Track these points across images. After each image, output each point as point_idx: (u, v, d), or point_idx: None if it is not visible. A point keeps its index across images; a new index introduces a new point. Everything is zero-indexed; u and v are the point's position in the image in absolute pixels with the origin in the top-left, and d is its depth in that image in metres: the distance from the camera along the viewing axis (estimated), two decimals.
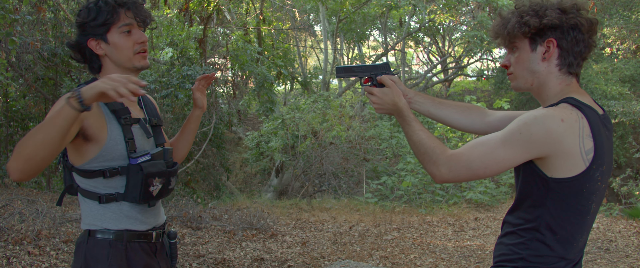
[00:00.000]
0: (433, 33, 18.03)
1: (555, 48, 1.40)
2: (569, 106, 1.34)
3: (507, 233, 1.47)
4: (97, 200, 1.59)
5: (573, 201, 1.35)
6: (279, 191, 11.09)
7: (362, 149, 10.41)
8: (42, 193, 6.59)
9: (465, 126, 1.73)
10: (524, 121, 1.32)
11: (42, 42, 6.23)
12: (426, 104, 1.73)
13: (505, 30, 1.45)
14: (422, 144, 1.45)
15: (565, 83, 1.42)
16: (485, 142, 1.36)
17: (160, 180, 1.62)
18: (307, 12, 17.53)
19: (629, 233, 5.83)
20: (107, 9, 1.57)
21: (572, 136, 1.29)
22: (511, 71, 1.49)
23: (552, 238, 1.37)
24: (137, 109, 1.71)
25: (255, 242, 5.23)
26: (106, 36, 1.60)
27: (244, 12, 12.50)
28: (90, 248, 1.59)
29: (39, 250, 3.99)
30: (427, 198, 8.10)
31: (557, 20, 1.37)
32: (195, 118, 1.93)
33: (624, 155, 12.83)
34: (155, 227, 1.70)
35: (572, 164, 1.31)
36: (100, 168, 1.56)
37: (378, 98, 1.61)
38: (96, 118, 1.54)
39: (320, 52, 19.16)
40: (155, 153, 1.63)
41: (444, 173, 1.38)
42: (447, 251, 5.22)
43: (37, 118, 7.40)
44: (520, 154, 1.32)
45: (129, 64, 1.63)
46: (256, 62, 9.91)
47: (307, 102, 11.28)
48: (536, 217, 1.38)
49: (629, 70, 13.23)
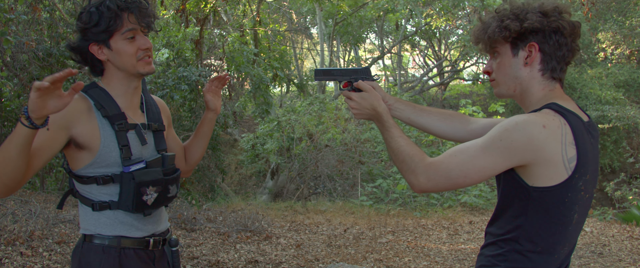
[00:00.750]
0: (429, 37, 18.10)
1: (538, 52, 1.35)
2: (551, 112, 1.29)
3: (488, 243, 1.42)
4: (91, 206, 1.56)
5: (555, 211, 1.29)
6: (274, 193, 11.08)
7: (358, 152, 10.42)
8: (36, 194, 6.56)
9: (447, 133, 1.68)
10: (505, 128, 1.26)
11: (37, 42, 6.21)
12: (407, 111, 1.67)
13: (486, 35, 1.40)
14: (400, 151, 1.40)
15: (549, 89, 1.38)
16: (465, 150, 1.31)
17: (155, 189, 1.57)
18: (304, 15, 17.56)
19: (622, 238, 5.86)
20: (110, 14, 1.51)
21: (554, 143, 1.24)
22: (493, 77, 1.44)
23: (532, 250, 1.32)
24: (138, 114, 1.65)
25: (249, 244, 5.22)
26: (109, 41, 1.54)
27: (240, 14, 12.50)
28: (85, 253, 1.56)
29: (32, 251, 3.96)
30: (422, 201, 8.11)
31: (538, 23, 1.33)
32: (209, 120, 1.86)
33: (618, 160, 12.89)
34: (154, 234, 1.65)
35: (554, 173, 1.26)
36: (94, 175, 1.53)
37: (356, 103, 1.56)
38: (87, 125, 1.50)
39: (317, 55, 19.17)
40: (153, 160, 1.59)
41: (422, 182, 1.32)
42: (441, 254, 5.23)
43: None
44: (500, 162, 1.27)
45: (133, 70, 1.57)
46: (252, 64, 9.91)
47: (302, 104, 11.29)
48: (516, 227, 1.33)
49: (623, 75, 13.31)
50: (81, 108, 1.51)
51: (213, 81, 1.84)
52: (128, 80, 1.61)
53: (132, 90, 1.63)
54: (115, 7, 1.51)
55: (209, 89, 1.84)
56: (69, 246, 4.25)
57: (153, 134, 1.67)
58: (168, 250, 1.71)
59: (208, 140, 1.91)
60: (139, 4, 1.55)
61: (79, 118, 1.49)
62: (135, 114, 1.64)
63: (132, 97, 1.64)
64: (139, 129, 1.61)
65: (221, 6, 9.49)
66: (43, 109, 1.26)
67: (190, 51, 8.63)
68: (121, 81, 1.60)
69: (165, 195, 1.62)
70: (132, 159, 1.55)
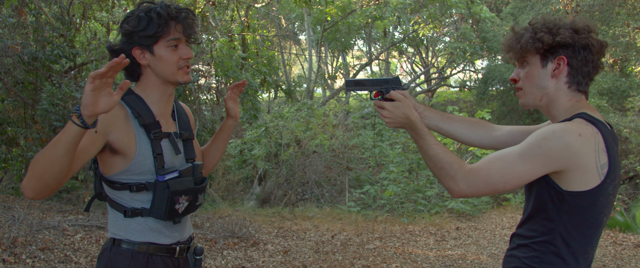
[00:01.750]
0: (417, 44, 18.22)
1: (566, 66, 1.42)
2: (584, 121, 1.36)
3: (519, 245, 1.47)
4: (123, 213, 1.58)
5: (587, 215, 1.37)
6: (262, 199, 11.04)
7: (345, 158, 10.44)
8: (19, 200, 6.46)
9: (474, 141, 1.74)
10: (543, 136, 1.33)
11: (22, 45, 6.13)
12: (435, 119, 1.73)
13: (519, 45, 1.47)
14: (438, 159, 1.44)
15: (576, 99, 1.45)
16: (504, 157, 1.37)
17: (187, 198, 1.60)
18: (292, 21, 17.59)
19: (605, 243, 5.93)
20: (159, 21, 1.54)
21: (589, 150, 1.32)
22: (520, 85, 1.51)
23: (566, 251, 1.38)
24: (170, 123, 1.69)
25: (236, 251, 5.19)
26: (153, 47, 1.57)
27: (228, 19, 12.48)
28: (113, 256, 1.58)
29: (15, 258, 3.90)
30: (409, 207, 8.14)
31: (569, 39, 1.40)
32: (228, 127, 1.90)
33: None
34: (179, 242, 1.68)
35: (588, 178, 1.33)
36: (128, 182, 1.56)
37: (389, 112, 1.59)
38: (124, 132, 1.53)
39: (305, 61, 19.20)
40: (184, 169, 1.62)
41: (462, 188, 1.38)
42: (428, 260, 5.24)
43: (15, 123, 7.27)
44: (539, 168, 1.34)
45: (172, 78, 1.61)
46: (240, 70, 9.88)
47: (290, 110, 11.29)
48: (550, 230, 1.40)
49: (606, 83, 13.52)
50: (119, 114, 1.53)
51: (233, 89, 1.88)
52: (164, 87, 1.64)
53: (167, 98, 1.67)
54: (166, 15, 1.55)
55: (230, 97, 1.88)
56: (53, 252, 4.19)
57: (183, 143, 1.70)
58: (191, 258, 1.74)
59: (225, 146, 1.94)
60: (187, 14, 1.59)
61: (117, 124, 1.51)
62: (167, 122, 1.67)
63: (166, 105, 1.68)
64: (173, 139, 1.64)
65: (209, 11, 9.46)
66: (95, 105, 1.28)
67: None
68: (157, 88, 1.63)
69: (194, 204, 1.66)
70: (165, 168, 1.58)
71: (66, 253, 4.23)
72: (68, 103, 6.07)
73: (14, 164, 7.22)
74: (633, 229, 7.08)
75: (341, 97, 17.40)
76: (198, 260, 1.74)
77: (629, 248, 5.72)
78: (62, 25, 6.86)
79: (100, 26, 8.74)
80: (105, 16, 8.30)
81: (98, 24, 8.68)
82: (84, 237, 4.72)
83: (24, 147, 7.01)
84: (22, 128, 7.09)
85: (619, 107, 13.45)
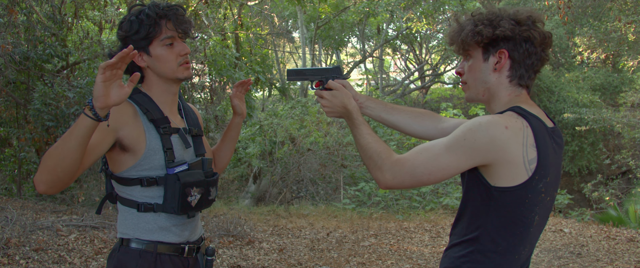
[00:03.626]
0: (410, 41, 18.25)
1: (507, 59, 1.38)
2: (514, 114, 1.32)
3: (453, 244, 1.44)
4: (136, 208, 1.58)
5: (515, 212, 1.32)
6: (257, 197, 11.03)
7: (340, 156, 10.44)
8: (12, 200, 6.42)
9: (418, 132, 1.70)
10: (469, 128, 1.29)
11: (13, 45, 6.08)
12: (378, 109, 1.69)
13: (460, 38, 1.43)
14: (368, 148, 1.41)
15: (515, 94, 1.40)
16: (430, 148, 1.33)
17: (198, 190, 1.60)
18: (286, 18, 17.56)
19: (599, 238, 5.97)
20: (149, 22, 1.57)
21: (516, 144, 1.27)
22: (465, 79, 1.47)
23: (493, 250, 1.34)
24: (178, 119, 1.70)
25: (232, 249, 5.19)
26: (148, 48, 1.60)
27: (221, 18, 12.44)
28: (121, 256, 1.59)
29: (8, 259, 3.88)
30: (404, 204, 8.16)
31: (510, 31, 1.35)
32: (236, 125, 1.91)
33: (595, 162, 13.16)
34: (188, 241, 1.67)
35: (515, 173, 1.28)
36: (138, 177, 1.56)
37: (328, 101, 1.59)
38: (133, 128, 1.54)
39: (299, 59, 19.18)
40: (194, 162, 1.63)
41: (388, 178, 1.34)
42: (424, 257, 5.26)
43: (7, 123, 7.22)
44: (464, 161, 1.29)
45: (173, 75, 1.63)
46: (234, 68, 9.86)
47: (285, 108, 11.28)
48: (478, 227, 1.36)
49: (599, 79, 13.61)
50: (128, 111, 1.56)
51: (238, 87, 1.89)
52: (167, 86, 1.66)
53: (172, 96, 1.69)
54: (154, 15, 1.58)
55: (236, 95, 1.89)
56: (47, 253, 4.17)
57: (192, 139, 1.72)
58: (202, 258, 1.73)
59: (235, 144, 1.95)
60: (175, 11, 1.61)
61: (127, 120, 1.53)
62: (175, 119, 1.69)
63: (172, 103, 1.70)
64: (182, 133, 1.65)
65: (202, 10, 9.42)
66: (107, 97, 1.30)
67: None
68: (161, 87, 1.65)
69: (207, 197, 1.66)
70: (175, 162, 1.59)
71: (60, 254, 4.21)
72: (61, 103, 6.03)
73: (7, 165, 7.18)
74: (626, 223, 7.14)
75: None
76: (209, 261, 1.73)
77: (622, 243, 5.76)
78: (54, 25, 6.81)
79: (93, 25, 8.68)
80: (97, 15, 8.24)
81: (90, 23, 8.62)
82: (78, 237, 4.70)
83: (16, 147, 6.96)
84: (14, 128, 7.04)
85: (612, 102, 13.55)
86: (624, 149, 12.17)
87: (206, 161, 1.68)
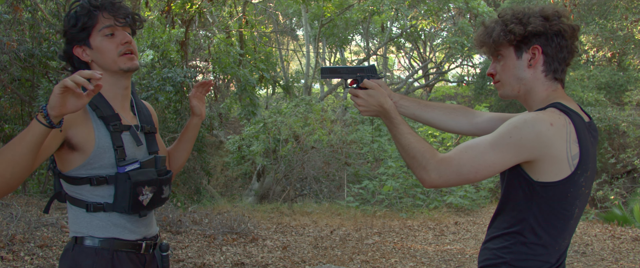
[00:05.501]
0: (414, 39, 18.20)
1: (541, 55, 1.41)
2: (557, 111, 1.34)
3: (491, 237, 1.46)
4: (85, 208, 1.54)
5: (557, 206, 1.35)
6: (260, 195, 11.04)
7: (344, 154, 10.43)
8: (17, 197, 6.44)
9: (452, 127, 1.71)
10: (514, 125, 1.31)
11: (18, 42, 6.10)
12: (412, 107, 1.71)
13: (491, 39, 1.45)
14: (410, 148, 1.42)
15: (552, 89, 1.44)
16: (475, 146, 1.35)
17: (150, 189, 1.56)
18: (290, 16, 17.55)
19: (604, 237, 5.95)
20: (83, 12, 1.54)
21: (560, 140, 1.30)
22: (498, 78, 1.49)
23: (536, 242, 1.37)
24: (129, 116, 1.65)
25: (235, 247, 5.19)
26: (89, 40, 1.55)
27: (226, 15, 12.44)
28: (76, 255, 1.53)
29: (13, 255, 3.89)
30: (408, 202, 8.14)
31: (541, 27, 1.39)
32: (193, 126, 1.86)
33: (600, 160, 13.08)
34: (145, 238, 1.64)
35: (559, 169, 1.31)
36: (87, 176, 1.51)
37: (363, 100, 1.58)
38: (82, 126, 1.49)
39: (303, 56, 19.16)
40: (146, 161, 1.58)
41: (434, 178, 1.35)
42: (427, 255, 5.25)
43: (12, 120, 7.24)
44: (509, 158, 1.32)
45: (115, 66, 1.57)
46: (238, 66, 9.87)
47: (289, 106, 11.27)
48: (520, 220, 1.38)
49: (604, 77, 13.52)
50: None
51: (198, 87, 1.84)
52: (114, 79, 1.61)
53: (123, 91, 1.64)
54: (88, 5, 1.55)
55: (195, 95, 1.84)
56: (52, 250, 4.18)
57: (145, 136, 1.67)
58: (159, 254, 1.69)
59: (192, 145, 1.90)
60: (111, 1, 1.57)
61: (75, 118, 1.48)
62: (126, 116, 1.63)
63: (123, 100, 1.65)
64: (134, 131, 1.61)
65: (207, 7, 9.43)
66: (63, 107, 1.28)
67: (176, 52, 8.56)
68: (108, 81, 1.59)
69: (160, 196, 1.62)
70: (126, 160, 1.55)
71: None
72: None
73: None
74: (631, 222, 7.10)
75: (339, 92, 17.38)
76: (165, 257, 1.70)
77: (627, 242, 5.74)
78: (59, 22, 6.82)
79: None
80: None
81: None
82: None
83: None
84: (19, 125, 7.07)
85: (617, 101, 13.46)
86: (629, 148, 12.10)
87: (159, 159, 1.63)
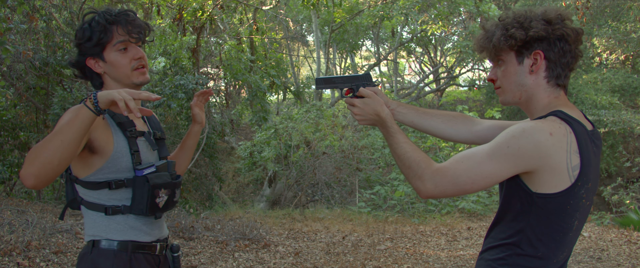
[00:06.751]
0: (425, 43, 18.16)
1: (543, 60, 1.35)
2: (557, 120, 1.29)
3: (488, 248, 1.42)
4: (103, 211, 1.59)
5: (556, 218, 1.30)
6: (272, 201, 11.05)
7: (355, 159, 10.42)
8: (32, 204, 6.53)
9: (452, 136, 1.67)
10: (512, 134, 1.27)
11: (34, 51, 6.20)
12: (410, 115, 1.67)
13: (491, 44, 1.40)
14: (406, 157, 1.39)
15: (554, 96, 1.38)
16: (472, 156, 1.30)
17: (166, 192, 1.63)
18: (300, 22, 17.60)
19: (620, 242, 5.86)
20: (99, 28, 1.60)
21: (560, 150, 1.25)
22: (499, 84, 1.44)
23: (533, 255, 1.33)
24: (140, 123, 1.73)
25: (247, 253, 5.20)
26: (102, 54, 1.62)
27: (237, 22, 12.52)
28: (95, 258, 1.58)
29: (29, 262, 3.94)
30: (420, 207, 8.11)
31: (543, 31, 1.33)
32: (194, 133, 1.93)
33: (615, 164, 12.93)
34: (159, 239, 1.70)
35: (558, 180, 1.26)
36: (106, 180, 1.57)
37: (359, 109, 1.56)
38: (102, 130, 1.56)
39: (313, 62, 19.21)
40: (160, 165, 1.64)
41: (429, 188, 1.32)
42: (440, 261, 5.22)
43: (27, 128, 7.35)
44: (507, 168, 1.27)
45: (128, 80, 1.65)
46: (249, 72, 9.91)
47: (300, 112, 11.30)
48: (517, 232, 1.34)
49: (618, 80, 13.38)
50: None
51: (198, 96, 1.91)
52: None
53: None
54: (104, 21, 1.60)
55: (196, 104, 1.91)
56: (67, 256, 4.23)
57: (156, 142, 1.75)
58: (170, 255, 1.75)
59: (192, 153, 1.97)
60: (126, 16, 1.63)
61: (97, 123, 1.55)
62: (138, 123, 1.71)
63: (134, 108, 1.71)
64: (148, 136, 1.69)
65: (218, 15, 9.50)
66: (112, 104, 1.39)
67: (187, 59, 8.63)
68: None
69: (172, 199, 1.69)
70: (143, 164, 1.61)
71: None
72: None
73: None
74: None
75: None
76: (176, 257, 1.76)
77: None
78: (73, 31, 6.93)
79: None
80: None
81: None
82: None
83: None
84: (34, 132, 7.17)
85: (632, 104, 13.31)
86: None
87: (171, 164, 1.70)
